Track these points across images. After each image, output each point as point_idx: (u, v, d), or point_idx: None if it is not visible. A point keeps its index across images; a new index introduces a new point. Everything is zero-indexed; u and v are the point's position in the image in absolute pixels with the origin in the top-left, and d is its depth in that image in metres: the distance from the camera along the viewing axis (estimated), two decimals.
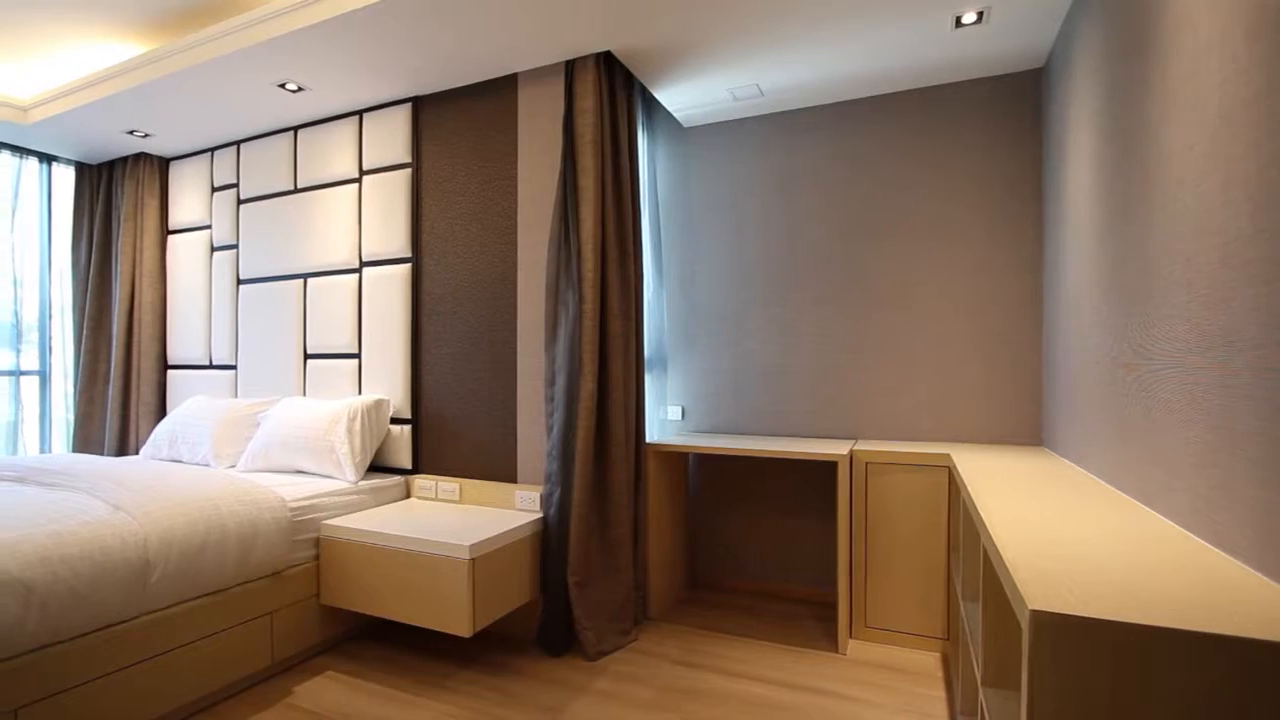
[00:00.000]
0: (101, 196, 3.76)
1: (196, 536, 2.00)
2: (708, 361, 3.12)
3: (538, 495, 2.50)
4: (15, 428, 3.62)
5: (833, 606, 2.85)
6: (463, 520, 2.38)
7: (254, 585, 2.16)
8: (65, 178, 3.81)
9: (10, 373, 3.61)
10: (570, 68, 2.48)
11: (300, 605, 2.31)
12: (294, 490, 2.42)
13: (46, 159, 3.71)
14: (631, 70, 2.61)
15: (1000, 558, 1.01)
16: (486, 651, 2.40)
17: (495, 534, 2.20)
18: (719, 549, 3.12)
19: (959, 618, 1.94)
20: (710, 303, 3.12)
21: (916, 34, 2.32)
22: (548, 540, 2.41)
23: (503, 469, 2.63)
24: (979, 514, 1.33)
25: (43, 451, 3.72)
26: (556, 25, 2.28)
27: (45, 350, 3.76)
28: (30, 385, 3.70)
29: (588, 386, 2.35)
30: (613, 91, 2.51)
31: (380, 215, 2.92)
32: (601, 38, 2.35)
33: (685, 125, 3.16)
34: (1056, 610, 0.77)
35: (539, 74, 2.59)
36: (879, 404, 2.80)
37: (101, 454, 3.63)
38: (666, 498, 2.83)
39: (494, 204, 2.68)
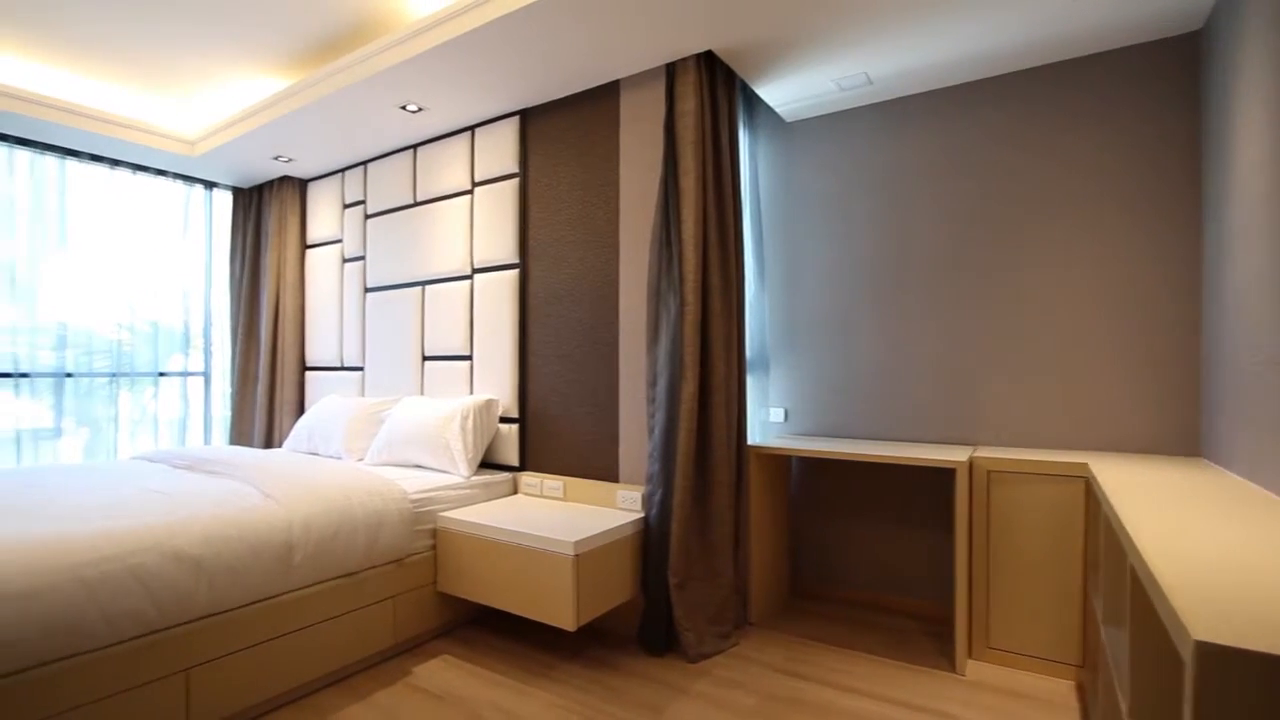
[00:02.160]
0: (253, 216, 4.22)
1: (332, 523, 2.18)
2: (812, 362, 3.03)
3: (639, 495, 2.53)
4: (183, 422, 4.13)
5: (947, 623, 2.67)
6: (567, 517, 2.45)
7: (379, 570, 2.33)
8: (224, 201, 4.30)
9: (180, 374, 4.12)
10: (671, 70, 2.49)
11: (419, 591, 2.47)
12: (414, 483, 2.58)
13: (209, 185, 4.21)
14: (733, 68, 2.58)
15: (1153, 579, 0.90)
16: (589, 646, 2.45)
17: (598, 532, 2.25)
18: (822, 556, 3.01)
19: (1099, 644, 1.76)
20: (815, 302, 3.03)
21: (1048, 5, 2.13)
22: (649, 540, 2.43)
23: (605, 468, 2.69)
24: (1125, 529, 1.20)
25: (205, 443, 4.22)
26: (658, 29, 2.30)
27: (208, 354, 4.26)
28: (195, 385, 4.21)
29: (689, 387, 2.35)
30: (713, 90, 2.50)
31: (490, 224, 3.07)
32: (703, 38, 2.35)
33: (788, 120, 3.09)
34: (1226, 643, 0.68)
35: (640, 79, 2.62)
36: (1002, 408, 2.60)
37: (252, 446, 4.06)
38: (768, 501, 2.78)
39: (597, 208, 2.75)
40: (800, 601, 2.95)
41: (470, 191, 3.17)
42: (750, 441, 2.76)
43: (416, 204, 3.42)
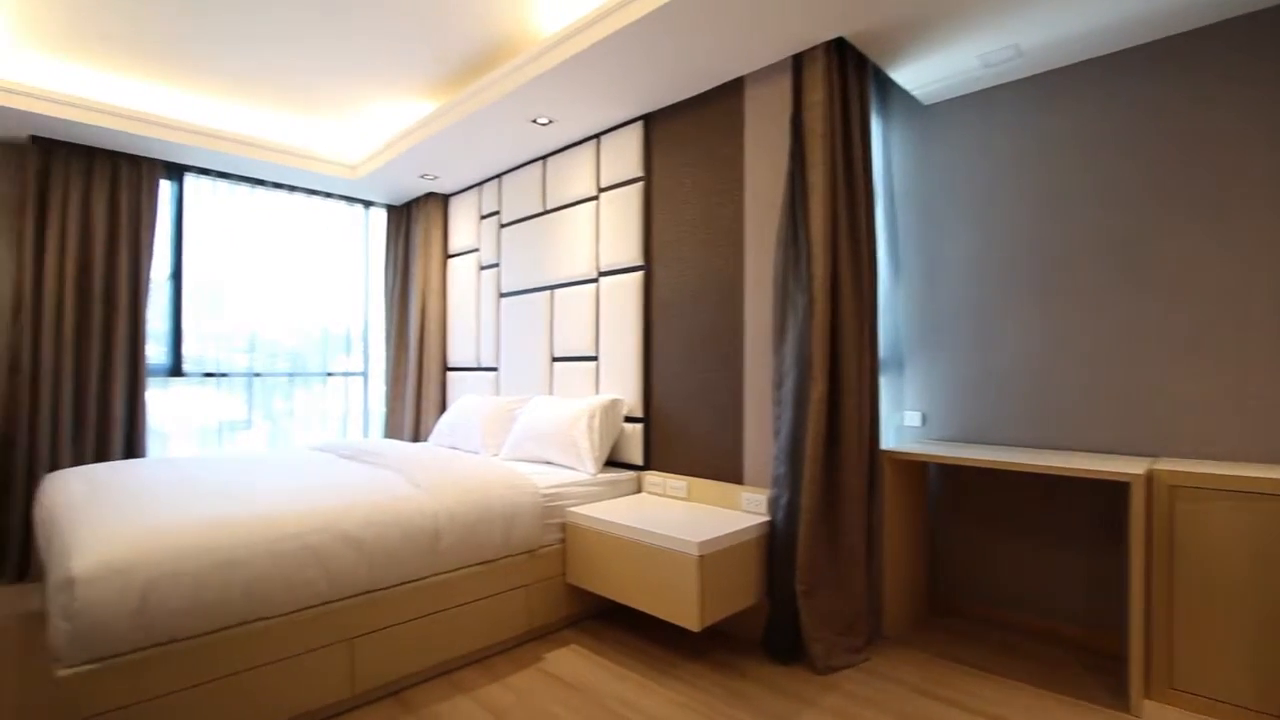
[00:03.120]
0: (403, 231, 4.63)
1: (473, 513, 2.34)
2: (953, 361, 2.81)
3: (765, 498, 2.48)
4: (345, 417, 4.61)
5: (1113, 656, 2.37)
6: (691, 518, 2.45)
7: (514, 560, 2.46)
8: (379, 218, 4.76)
9: (343, 374, 4.61)
10: (798, 62, 2.43)
11: (550, 582, 2.58)
12: (545, 479, 2.71)
13: (367, 204, 4.67)
14: (864, 53, 2.47)
15: None
16: (713, 648, 2.44)
17: (723, 534, 2.23)
18: (964, 571, 2.79)
19: None
20: (956, 295, 2.81)
21: None
22: (775, 545, 2.38)
23: (729, 470, 2.66)
24: None
25: (364, 436, 4.68)
26: (787, 20, 2.24)
27: (366, 356, 4.73)
28: (355, 384, 4.69)
29: (817, 389, 2.27)
30: (844, 78, 2.40)
31: (615, 228, 3.15)
32: (833, 25, 2.26)
33: (925, 103, 2.90)
34: None
35: (765, 73, 2.57)
36: (1185, 414, 2.26)
37: (402, 439, 4.44)
38: (903, 510, 2.61)
39: (721, 208, 2.73)
40: (940, 618, 2.75)
41: (596, 197, 3.27)
42: (884, 446, 2.61)
43: (546, 212, 3.59)
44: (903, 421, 2.94)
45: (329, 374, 4.52)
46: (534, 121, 3.14)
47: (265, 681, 1.82)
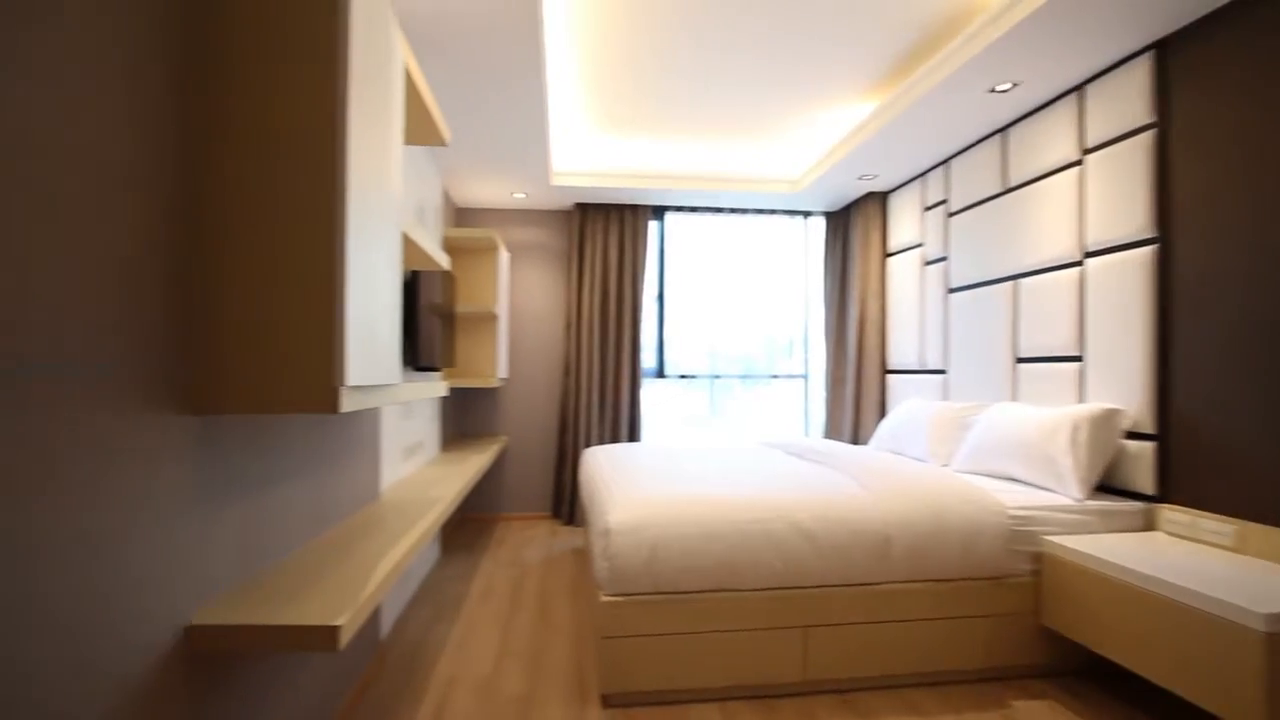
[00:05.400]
0: (840, 235, 4.69)
1: (924, 524, 2.18)
2: None
3: None
4: (787, 416, 4.92)
5: None
6: (1245, 576, 1.77)
7: (972, 584, 2.20)
8: (816, 225, 4.93)
9: (786, 376, 4.93)
10: None
11: (1016, 618, 2.22)
12: (1011, 498, 2.34)
13: (805, 214, 4.89)
14: None
15: None
16: None
17: None
18: None
19: None
20: None
21: None
22: None
23: None
24: None
25: (804, 435, 4.90)
26: None
27: (805, 359, 4.95)
28: (796, 385, 4.95)
29: None
30: None
31: (1108, 195, 2.53)
32: None
33: None
34: None
35: None
36: None
37: (841, 440, 4.48)
38: None
39: None
40: None
41: (1079, 162, 2.69)
42: None
43: (1006, 191, 3.12)
44: None
45: (774, 376, 4.90)
46: (992, 90, 2.76)
47: (735, 644, 2.06)
